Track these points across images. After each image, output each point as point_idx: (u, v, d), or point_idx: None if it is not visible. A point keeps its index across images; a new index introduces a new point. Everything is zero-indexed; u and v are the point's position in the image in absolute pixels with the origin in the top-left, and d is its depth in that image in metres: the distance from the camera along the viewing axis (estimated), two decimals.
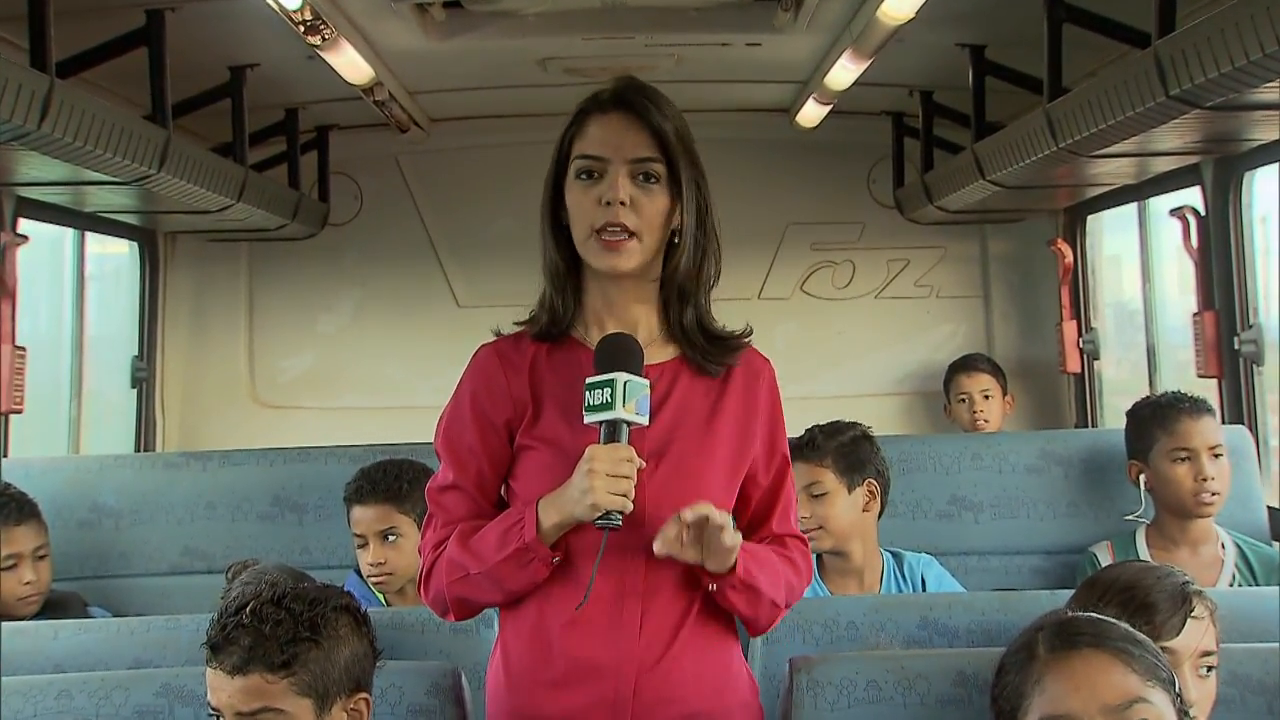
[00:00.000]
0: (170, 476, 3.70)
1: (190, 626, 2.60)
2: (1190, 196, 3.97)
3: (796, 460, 2.91)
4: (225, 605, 2.16)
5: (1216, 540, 3.34)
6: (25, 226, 3.92)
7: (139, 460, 4.20)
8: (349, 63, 3.95)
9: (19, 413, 3.86)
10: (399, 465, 3.32)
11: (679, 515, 2.06)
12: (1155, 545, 3.36)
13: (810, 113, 4.94)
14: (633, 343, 2.14)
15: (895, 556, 3.28)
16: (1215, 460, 3.29)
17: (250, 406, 5.42)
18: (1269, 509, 3.57)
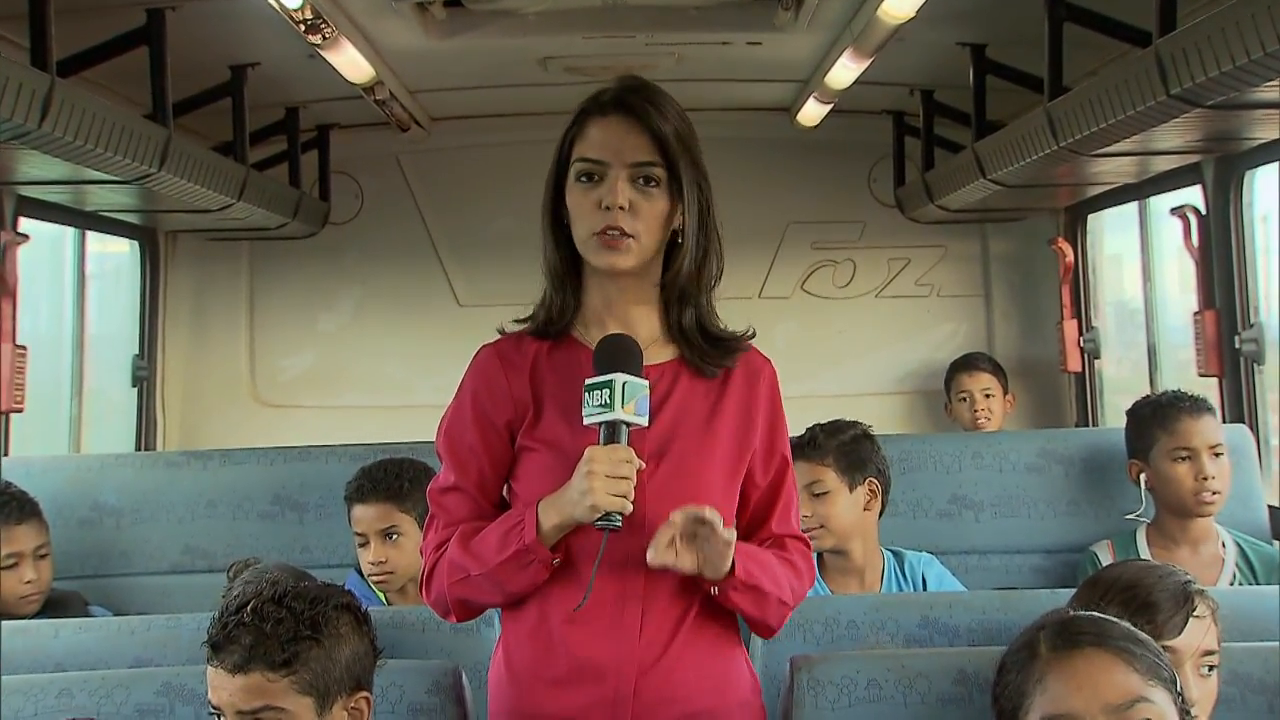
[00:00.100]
0: (171, 475, 3.70)
1: (191, 625, 2.60)
2: (1191, 195, 3.97)
3: (797, 459, 2.90)
4: (226, 604, 2.16)
5: (1217, 539, 3.34)
6: (26, 225, 3.92)
7: (140, 459, 4.20)
8: (350, 62, 3.95)
9: (20, 411, 3.86)
10: (400, 464, 3.32)
11: (670, 521, 2.05)
12: (1156, 544, 3.35)
13: (811, 112, 4.94)
14: (632, 343, 2.14)
15: (896, 555, 3.28)
16: (1216, 459, 3.29)
17: (251, 405, 5.41)
18: (1269, 508, 3.57)
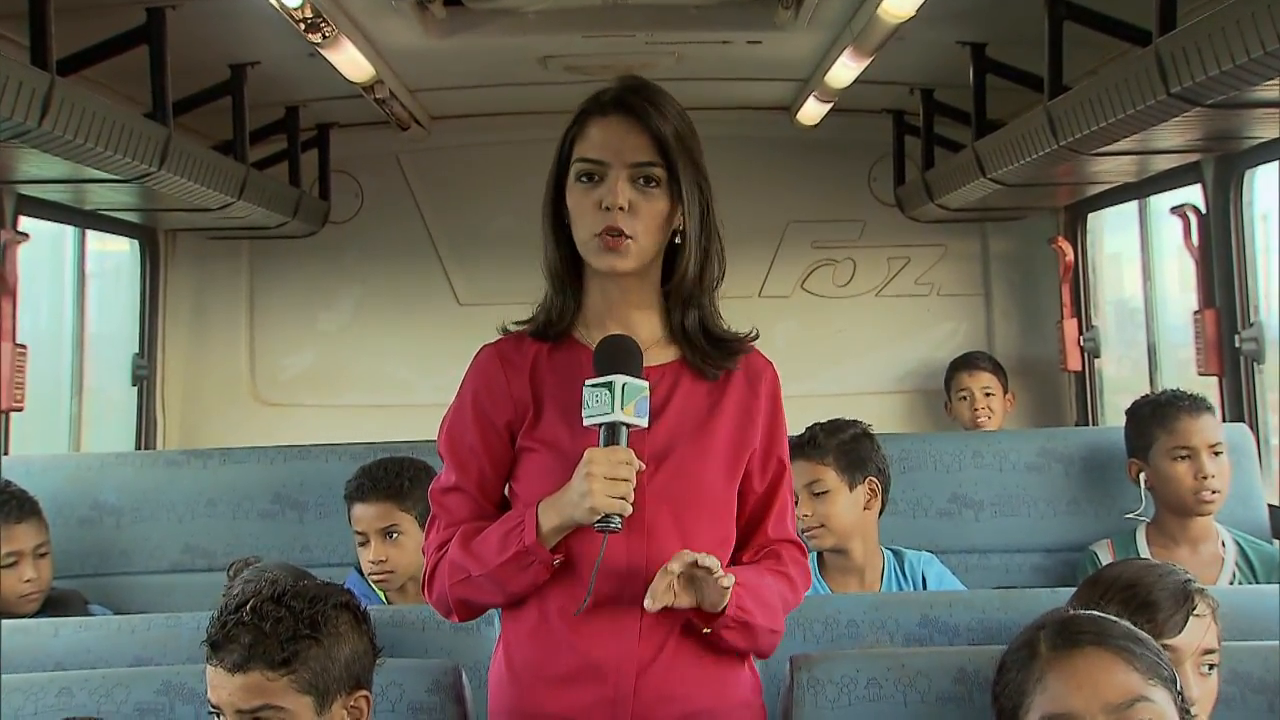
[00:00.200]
0: (171, 474, 3.70)
1: (191, 624, 2.60)
2: (1191, 194, 3.97)
3: (797, 459, 2.92)
4: (225, 603, 2.16)
5: (1217, 538, 3.34)
6: (26, 224, 3.92)
7: (140, 458, 4.21)
8: (350, 60, 3.94)
9: (20, 410, 3.86)
10: (400, 463, 3.32)
11: (666, 568, 2.05)
12: (1155, 543, 3.35)
13: (811, 111, 4.94)
14: (632, 344, 2.13)
15: (896, 554, 3.28)
16: (1215, 458, 3.29)
17: (251, 404, 5.41)
18: (1269, 507, 3.57)
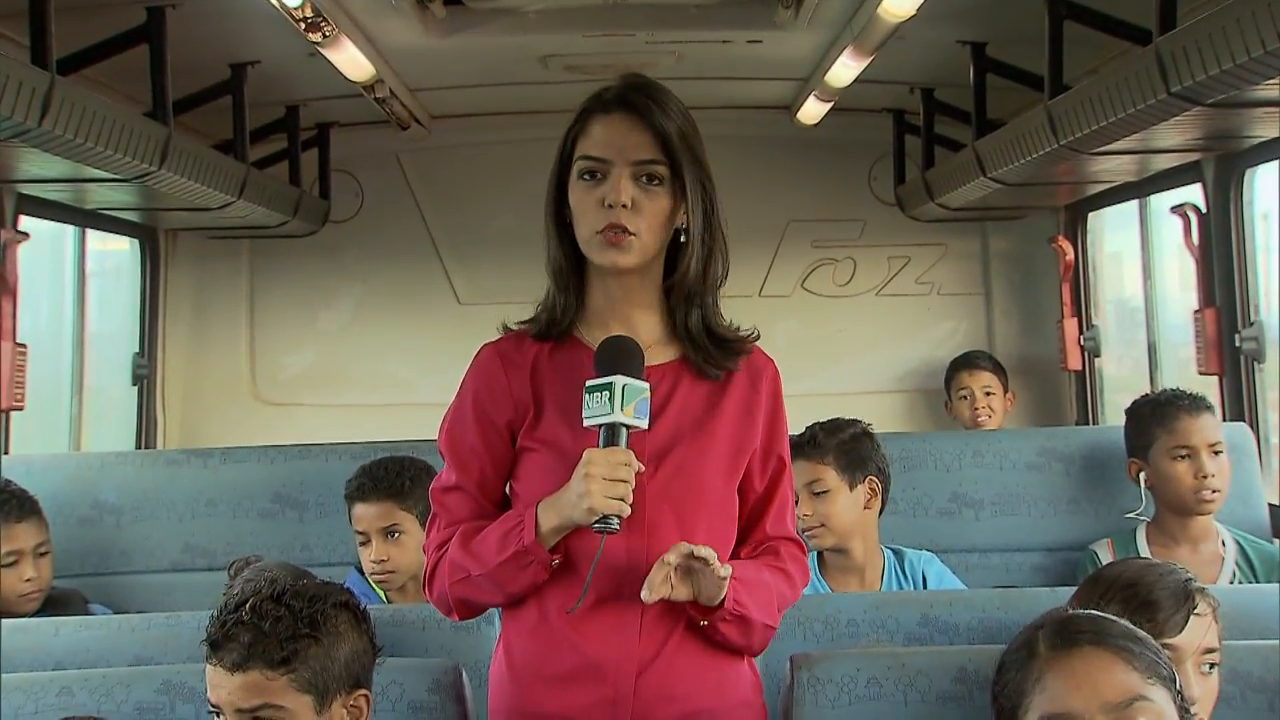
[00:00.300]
0: (171, 473, 3.70)
1: (191, 623, 2.59)
2: (1191, 193, 3.97)
3: (797, 458, 2.91)
4: (225, 602, 2.17)
5: (1217, 537, 3.34)
6: (26, 223, 3.92)
7: (140, 457, 4.21)
8: (350, 60, 3.94)
9: (20, 410, 3.86)
10: (400, 462, 3.32)
11: (663, 560, 2.05)
12: (1156, 543, 3.35)
13: (811, 110, 4.94)
14: (633, 345, 2.13)
15: (896, 554, 3.28)
16: (1215, 458, 3.29)
17: (251, 403, 5.41)
18: (1270, 506, 3.57)
